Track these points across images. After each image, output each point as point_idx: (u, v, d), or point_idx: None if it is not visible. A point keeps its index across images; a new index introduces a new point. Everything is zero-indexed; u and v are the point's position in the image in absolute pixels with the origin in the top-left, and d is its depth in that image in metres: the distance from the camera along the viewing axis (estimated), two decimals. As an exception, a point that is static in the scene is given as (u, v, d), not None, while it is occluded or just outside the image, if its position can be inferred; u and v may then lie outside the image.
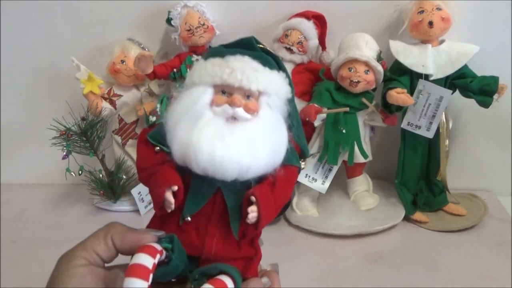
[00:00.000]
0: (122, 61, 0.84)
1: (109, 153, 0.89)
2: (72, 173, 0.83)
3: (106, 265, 0.36)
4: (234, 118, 0.36)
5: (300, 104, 0.81)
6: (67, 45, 0.88)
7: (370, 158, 0.83)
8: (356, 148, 0.80)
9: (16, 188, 1.00)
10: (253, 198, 0.36)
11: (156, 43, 0.88)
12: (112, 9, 0.86)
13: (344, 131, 0.78)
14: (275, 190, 0.37)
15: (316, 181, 0.82)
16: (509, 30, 0.82)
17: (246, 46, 0.39)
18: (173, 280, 0.37)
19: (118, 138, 0.91)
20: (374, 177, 0.89)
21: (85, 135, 0.81)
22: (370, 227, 0.80)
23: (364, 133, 0.82)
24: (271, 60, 0.39)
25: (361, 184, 0.87)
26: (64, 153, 0.81)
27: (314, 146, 0.82)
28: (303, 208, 0.85)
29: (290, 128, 0.39)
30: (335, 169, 0.82)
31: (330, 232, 0.80)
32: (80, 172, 0.85)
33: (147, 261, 0.33)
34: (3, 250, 0.78)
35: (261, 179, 0.37)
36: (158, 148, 0.38)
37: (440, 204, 0.85)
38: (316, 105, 0.78)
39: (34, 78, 0.93)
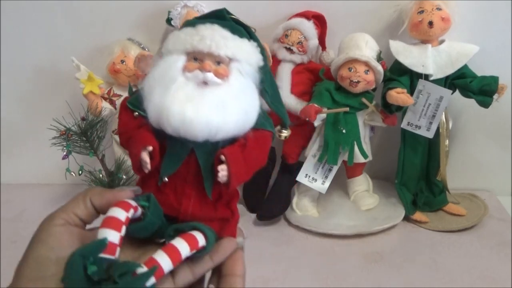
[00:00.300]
0: (122, 61, 0.84)
1: (109, 153, 0.89)
2: (72, 173, 0.83)
3: (89, 226, 0.38)
4: (205, 83, 0.39)
5: (300, 104, 0.81)
6: (67, 45, 0.88)
7: (370, 158, 0.83)
8: (356, 148, 0.80)
9: (16, 188, 1.00)
10: (222, 157, 0.38)
11: (156, 43, 0.88)
12: (112, 9, 0.86)
13: (344, 131, 0.78)
14: (245, 151, 0.39)
15: (316, 181, 0.82)
16: (509, 30, 0.82)
17: (218, 17, 0.42)
18: (161, 241, 0.39)
19: (118, 138, 0.91)
20: (374, 177, 0.90)
21: (85, 135, 0.81)
22: (370, 227, 0.80)
23: (364, 133, 0.82)
24: (241, 29, 0.42)
25: (361, 184, 0.87)
26: (64, 153, 0.81)
27: (314, 146, 0.83)
28: (303, 208, 0.85)
29: (263, 94, 0.41)
30: (335, 169, 0.82)
31: (330, 232, 0.80)
32: (80, 172, 0.85)
33: (120, 214, 0.35)
34: (3, 250, 0.78)
35: (232, 142, 0.39)
36: (136, 113, 0.40)
37: (440, 204, 0.85)
38: (316, 105, 0.78)
39: (34, 78, 0.93)
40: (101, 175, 0.88)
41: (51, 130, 0.80)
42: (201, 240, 0.37)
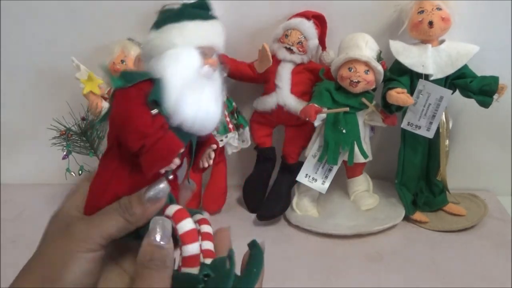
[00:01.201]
0: (122, 61, 0.84)
1: (109, 153, 0.89)
2: (72, 173, 0.84)
3: None
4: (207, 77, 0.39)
5: (300, 104, 0.81)
6: (67, 45, 0.88)
7: (370, 158, 0.83)
8: (356, 148, 0.80)
9: (16, 188, 1.00)
10: (214, 146, 0.40)
11: (156, 43, 0.88)
12: (112, 9, 0.86)
13: (344, 131, 0.78)
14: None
15: (316, 181, 0.82)
16: (509, 30, 0.82)
17: (205, 7, 0.42)
18: None
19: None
20: (374, 177, 0.89)
21: (85, 135, 0.81)
22: (370, 227, 0.80)
23: (364, 133, 0.82)
24: None
25: (361, 184, 0.87)
26: (64, 153, 0.81)
27: (314, 146, 0.82)
28: (303, 208, 0.85)
29: None
30: (335, 169, 0.82)
31: (330, 232, 0.80)
32: (80, 172, 0.85)
33: (192, 224, 0.34)
34: (3, 250, 0.78)
35: None
36: (156, 110, 0.36)
37: (440, 204, 0.85)
38: (316, 105, 0.78)
39: (35, 78, 0.93)
40: (101, 175, 0.88)
41: (51, 130, 0.80)
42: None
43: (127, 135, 0.35)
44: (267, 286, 0.71)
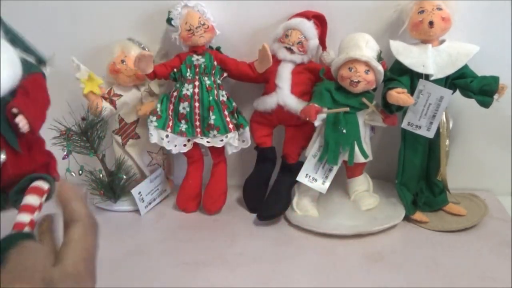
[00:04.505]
0: (122, 61, 0.84)
1: (109, 153, 0.89)
2: (72, 173, 0.83)
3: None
4: None
5: (300, 104, 0.82)
6: (67, 45, 0.88)
7: (370, 158, 0.83)
8: (356, 148, 0.80)
9: (16, 188, 1.00)
10: (14, 110, 0.40)
11: (156, 43, 0.88)
12: (112, 9, 0.86)
13: (344, 131, 0.78)
14: (30, 95, 0.43)
15: (316, 181, 0.82)
16: (509, 30, 0.82)
17: None
18: None
19: (118, 138, 0.91)
20: (374, 177, 0.89)
21: (85, 135, 0.81)
22: (370, 227, 0.80)
23: (364, 133, 0.82)
24: None
25: (361, 184, 0.87)
26: (64, 153, 0.81)
27: (314, 146, 0.83)
28: (303, 208, 0.85)
29: (14, 42, 0.45)
30: (335, 169, 0.82)
31: (330, 232, 0.80)
32: (80, 172, 0.85)
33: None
34: (3, 250, 0.78)
35: (12, 94, 0.42)
36: None
37: (440, 204, 0.85)
38: (316, 105, 0.78)
39: (34, 78, 0.93)
40: (101, 175, 0.88)
41: (51, 130, 0.80)
42: (45, 185, 0.40)
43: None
44: (267, 286, 0.71)
